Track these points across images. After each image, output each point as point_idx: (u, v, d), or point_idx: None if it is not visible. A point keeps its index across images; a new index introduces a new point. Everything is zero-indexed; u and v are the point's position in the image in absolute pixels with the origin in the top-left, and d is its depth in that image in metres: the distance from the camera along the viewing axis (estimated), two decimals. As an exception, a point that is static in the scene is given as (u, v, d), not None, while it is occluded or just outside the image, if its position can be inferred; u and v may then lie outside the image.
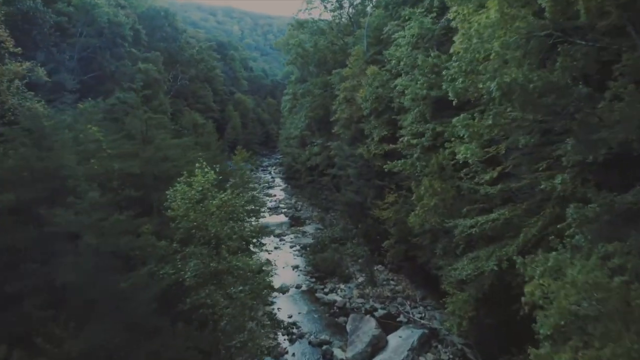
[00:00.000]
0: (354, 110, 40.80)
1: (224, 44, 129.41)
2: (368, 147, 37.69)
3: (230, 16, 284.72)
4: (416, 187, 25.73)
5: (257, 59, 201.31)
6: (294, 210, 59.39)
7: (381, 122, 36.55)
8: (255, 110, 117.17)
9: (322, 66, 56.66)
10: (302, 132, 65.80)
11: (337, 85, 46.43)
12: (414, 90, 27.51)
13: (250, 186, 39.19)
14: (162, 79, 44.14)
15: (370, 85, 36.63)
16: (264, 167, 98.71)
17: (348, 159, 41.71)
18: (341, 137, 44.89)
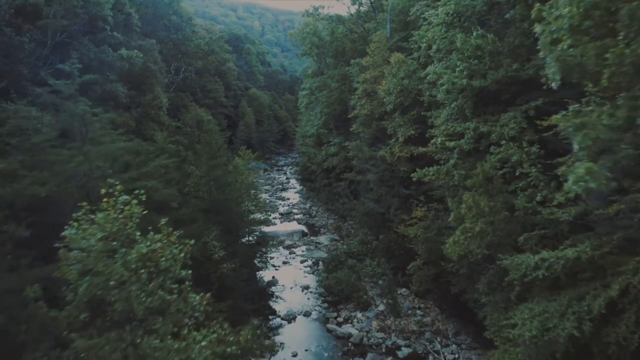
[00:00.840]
0: (375, 106, 35.27)
1: (240, 37, 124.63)
2: (391, 148, 32.20)
3: (250, 12, 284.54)
4: (454, 203, 20.14)
5: (277, 55, 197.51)
6: (307, 216, 54.08)
7: (407, 120, 31.00)
8: (272, 106, 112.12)
9: (340, 57, 51.16)
10: (319, 130, 60.45)
11: (356, 77, 40.93)
12: (450, 80, 21.87)
13: (253, 192, 33.84)
14: (158, 70, 39.00)
15: (395, 75, 31.08)
16: (279, 166, 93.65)
17: (368, 162, 36.20)
18: (360, 136, 39.40)
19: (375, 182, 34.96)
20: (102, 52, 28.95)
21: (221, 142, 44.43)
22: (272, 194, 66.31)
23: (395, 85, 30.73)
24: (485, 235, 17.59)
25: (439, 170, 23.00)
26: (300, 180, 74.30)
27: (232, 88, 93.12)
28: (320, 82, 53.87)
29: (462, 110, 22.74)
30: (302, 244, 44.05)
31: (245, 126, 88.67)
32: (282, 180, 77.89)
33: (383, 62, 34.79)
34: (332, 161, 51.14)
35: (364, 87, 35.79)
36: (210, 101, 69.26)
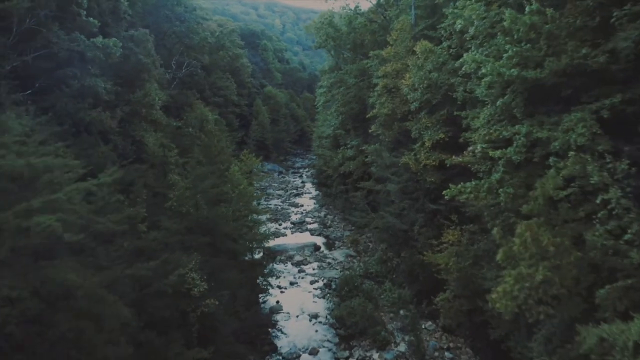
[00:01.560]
0: (397, 104, 30.36)
1: (256, 33, 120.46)
2: (416, 155, 27.30)
3: (272, 10, 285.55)
4: (501, 235, 15.17)
5: (297, 53, 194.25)
6: (322, 226, 49.33)
7: (436, 121, 26.10)
8: (289, 105, 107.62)
9: (358, 50, 46.27)
10: (335, 130, 55.65)
11: (375, 71, 36.04)
12: (495, 70, 16.88)
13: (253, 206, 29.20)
14: (152, 63, 34.75)
15: (421, 68, 26.17)
16: (295, 169, 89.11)
17: (388, 170, 31.30)
18: (380, 139, 34.50)
19: (397, 194, 30.04)
20: (73, 40, 24.64)
21: (224, 145, 40.15)
22: (285, 200, 61.76)
23: (421, 80, 25.81)
24: (551, 287, 12.61)
25: (479, 187, 18.04)
26: (316, 185, 69.59)
27: (246, 86, 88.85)
28: (336, 78, 49.04)
29: (509, 109, 17.75)
30: (313, 260, 39.34)
31: (258, 126, 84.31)
32: (297, 184, 73.30)
33: (406, 52, 29.86)
34: (348, 166, 46.29)
35: (384, 82, 30.89)
36: (219, 99, 64.98)
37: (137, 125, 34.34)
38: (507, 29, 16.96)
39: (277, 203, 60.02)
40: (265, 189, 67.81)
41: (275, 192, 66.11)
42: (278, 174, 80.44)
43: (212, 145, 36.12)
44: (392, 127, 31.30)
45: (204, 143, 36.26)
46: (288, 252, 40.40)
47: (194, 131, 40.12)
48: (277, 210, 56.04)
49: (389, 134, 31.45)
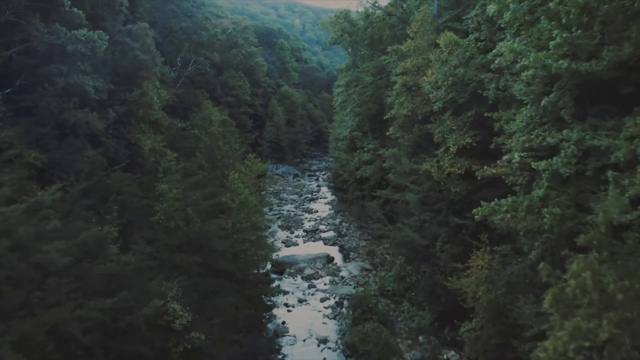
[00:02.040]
0: (417, 104, 27.34)
1: (273, 31, 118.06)
2: (439, 161, 24.30)
3: (292, 10, 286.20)
4: (549, 271, 12.04)
5: (317, 53, 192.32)
6: (336, 235, 46.38)
7: (462, 123, 23.07)
8: (306, 105, 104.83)
9: (376, 46, 43.21)
10: (352, 132, 52.66)
11: (393, 67, 33.03)
12: (538, 62, 13.80)
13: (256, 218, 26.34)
14: (152, 60, 32.33)
15: (445, 62, 23.13)
16: (312, 171, 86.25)
17: (407, 177, 28.25)
18: (399, 143, 31.46)
19: (417, 205, 26.97)
20: (53, 32, 22.16)
21: (231, 146, 37.59)
22: (299, 205, 58.92)
23: (445, 76, 22.75)
24: (618, 348, 9.51)
25: (516, 204, 14.94)
26: (332, 189, 66.56)
27: (261, 85, 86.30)
28: (352, 76, 46.03)
29: (554, 110, 14.65)
30: (325, 273, 36.41)
31: (273, 127, 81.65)
32: (312, 188, 70.42)
33: (428, 46, 26.80)
34: (365, 170, 43.24)
35: (404, 79, 27.87)
36: (231, 99, 62.47)
37: (133, 126, 31.96)
38: (554, 12, 13.83)
39: (290, 208, 57.25)
40: (279, 192, 65.24)
41: (289, 196, 63.36)
42: (293, 177, 77.70)
43: (215, 148, 33.59)
44: (412, 129, 28.28)
45: (206, 146, 33.75)
46: (298, 265, 37.55)
47: (199, 133, 37.43)
48: (289, 216, 53.27)
49: (409, 138, 28.42)
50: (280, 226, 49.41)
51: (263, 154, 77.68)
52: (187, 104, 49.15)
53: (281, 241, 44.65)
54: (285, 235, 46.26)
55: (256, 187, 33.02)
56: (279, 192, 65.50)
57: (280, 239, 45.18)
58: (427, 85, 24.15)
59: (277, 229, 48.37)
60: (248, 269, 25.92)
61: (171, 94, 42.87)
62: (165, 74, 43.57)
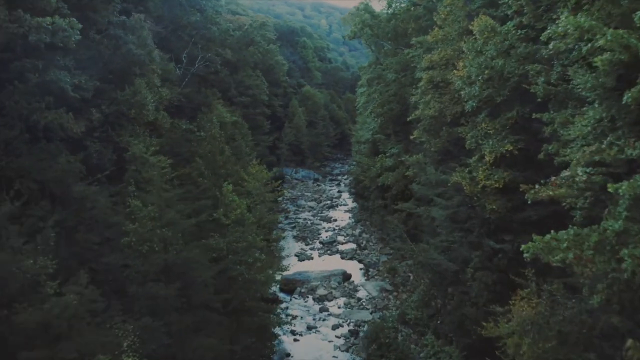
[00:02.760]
0: (446, 103, 23.47)
1: (295, 30, 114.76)
2: (471, 172, 20.36)
3: (318, 11, 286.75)
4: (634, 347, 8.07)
5: (343, 54, 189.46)
6: (355, 247, 42.61)
7: (500, 126, 19.10)
8: (329, 106, 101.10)
9: (400, 40, 39.30)
10: (374, 135, 48.84)
11: (419, 62, 29.19)
12: (617, 41, 9.84)
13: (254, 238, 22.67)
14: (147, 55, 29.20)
15: (480, 53, 19.20)
16: (333, 175, 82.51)
17: (433, 189, 24.31)
18: (424, 148, 27.56)
19: (444, 222, 23.04)
20: (14, 20, 19.01)
21: (237, 152, 34.22)
22: (317, 213, 55.23)
23: (480, 69, 18.84)
24: None
25: (581, 239, 10.98)
26: (353, 195, 62.77)
27: (281, 85, 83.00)
28: (374, 73, 42.19)
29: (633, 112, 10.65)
30: (340, 293, 32.68)
31: (293, 128, 78.16)
32: (332, 193, 66.66)
33: (459, 35, 22.87)
34: (386, 178, 39.34)
35: (430, 75, 23.99)
36: (246, 99, 59.16)
37: (124, 129, 28.81)
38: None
39: (307, 216, 53.62)
40: (297, 199, 61.76)
41: (307, 203, 59.72)
42: (313, 181, 74.09)
43: (217, 152, 30.25)
44: (440, 133, 24.37)
45: (206, 151, 30.43)
46: (310, 283, 33.92)
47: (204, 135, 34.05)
48: (305, 225, 49.64)
49: (436, 143, 24.50)
50: (294, 237, 45.88)
51: (281, 157, 74.52)
52: (196, 104, 45.97)
53: (294, 254, 41.18)
54: (299, 248, 42.69)
55: (262, 198, 29.44)
56: (296, 198, 61.98)
57: (294, 252, 41.69)
58: (458, 81, 20.24)
59: (291, 240, 44.88)
60: (246, 295, 22.35)
61: (176, 93, 39.75)
62: (169, 71, 40.53)
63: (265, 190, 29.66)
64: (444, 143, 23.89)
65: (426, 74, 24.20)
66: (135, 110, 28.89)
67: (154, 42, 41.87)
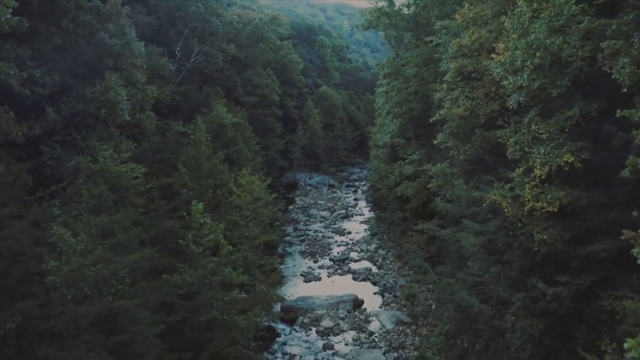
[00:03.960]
0: (479, 100, 18.57)
1: (312, 27, 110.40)
2: (514, 189, 15.48)
3: (340, 12, 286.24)
4: None
5: (365, 55, 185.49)
6: (370, 266, 37.77)
7: (556, 128, 14.13)
8: (347, 107, 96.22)
9: (422, 30, 34.40)
10: (393, 138, 44.04)
11: (444, 52, 24.33)
12: None
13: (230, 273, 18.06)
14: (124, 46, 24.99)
15: (526, 31, 14.30)
16: (351, 181, 77.57)
17: (463, 208, 19.40)
18: (451, 156, 22.64)
19: (477, 253, 18.09)
20: None
21: (223, 159, 29.74)
22: (330, 224, 50.43)
23: (528, 51, 13.96)
24: None
25: None
26: (370, 203, 57.89)
27: (296, 85, 78.50)
28: (391, 68, 37.32)
29: None
30: (348, 326, 27.91)
31: (307, 131, 73.50)
32: (348, 201, 61.79)
33: (497, 13, 17.98)
34: (406, 188, 34.44)
35: (459, 63, 19.10)
36: (254, 99, 54.73)
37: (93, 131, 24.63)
38: None
39: (319, 228, 48.87)
40: (308, 207, 57.12)
41: (320, 212, 54.95)
42: (327, 187, 69.34)
43: (204, 160, 25.80)
44: (471, 137, 19.45)
45: (191, 155, 26.00)
46: (315, 311, 29.24)
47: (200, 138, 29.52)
48: (315, 239, 44.92)
49: (465, 150, 19.58)
50: (302, 252, 41.21)
51: (294, 161, 69.93)
52: (194, 104, 41.82)
53: (300, 273, 36.55)
54: (306, 266, 38.02)
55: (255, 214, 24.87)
56: (308, 207, 57.33)
57: (300, 270, 37.06)
58: (498, 68, 15.36)
59: (298, 256, 40.26)
60: (223, 341, 17.76)
61: (168, 91, 35.58)
62: (161, 67, 36.38)
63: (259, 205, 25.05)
64: (477, 150, 18.96)
65: (454, 63, 19.34)
66: (107, 110, 24.65)
67: (145, 34, 37.93)
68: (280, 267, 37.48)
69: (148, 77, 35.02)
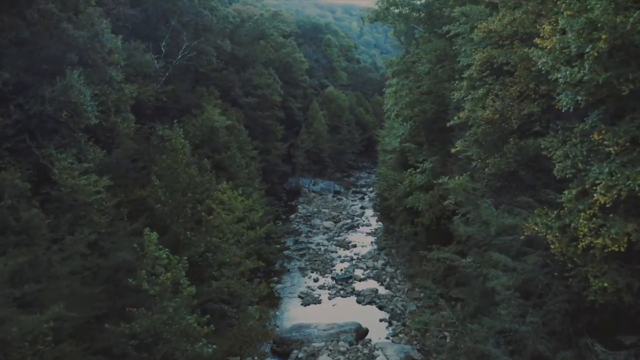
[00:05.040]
0: (511, 100, 14.78)
1: (319, 26, 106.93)
2: (563, 218, 11.67)
3: (349, 13, 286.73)
4: None
5: (374, 56, 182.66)
6: (377, 286, 34.07)
7: (628, 137, 10.26)
8: (355, 109, 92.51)
9: (436, 22, 30.62)
10: (402, 143, 40.26)
11: (463, 44, 20.60)
12: None
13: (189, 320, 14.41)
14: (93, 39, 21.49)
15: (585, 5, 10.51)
16: (358, 187, 73.77)
17: (491, 236, 15.57)
18: (474, 168, 18.85)
19: (509, 296, 14.26)
20: None
21: (206, 170, 26.08)
22: (333, 236, 46.69)
23: (586, 34, 10.20)
24: None
25: None
26: (378, 212, 53.96)
27: (301, 85, 74.90)
28: (401, 65, 33.54)
29: None
30: (349, 362, 24.19)
31: (312, 133, 69.84)
32: (354, 209, 57.95)
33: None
34: (417, 200, 30.67)
35: (486, 54, 15.33)
36: (253, 99, 51.09)
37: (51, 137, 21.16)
38: None
39: (322, 240, 45.13)
40: (311, 216, 53.40)
41: (323, 222, 51.19)
42: (333, 194, 65.60)
43: (181, 170, 22.21)
44: (501, 146, 15.68)
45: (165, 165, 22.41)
46: (312, 344, 25.53)
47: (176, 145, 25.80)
48: (317, 253, 41.19)
49: (494, 162, 15.78)
50: (301, 269, 37.49)
51: (297, 166, 66.31)
52: (185, 105, 38.33)
53: (298, 294, 32.87)
54: (305, 286, 34.30)
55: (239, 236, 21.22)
56: (311, 216, 53.61)
57: (298, 290, 33.38)
58: (544, 56, 11.60)
59: (297, 274, 36.59)
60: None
61: (152, 90, 32.06)
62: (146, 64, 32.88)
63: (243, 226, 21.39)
64: (509, 163, 15.18)
65: (480, 54, 15.56)
66: (68, 112, 21.12)
67: (128, 27, 34.53)
68: (277, 287, 33.86)
69: (130, 75, 31.76)
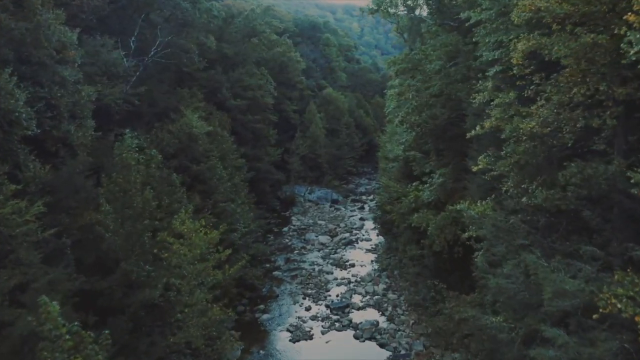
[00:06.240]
0: (565, 106, 10.45)
1: (317, 25, 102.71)
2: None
3: (350, 14, 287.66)
4: None
5: (376, 57, 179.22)
6: (377, 317, 29.79)
7: None
8: (354, 112, 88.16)
9: (446, 12, 26.40)
10: (406, 151, 36.08)
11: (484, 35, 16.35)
12: None
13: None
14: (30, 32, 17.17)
15: None
16: (357, 195, 69.31)
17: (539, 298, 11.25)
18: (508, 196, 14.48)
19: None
20: None
21: (169, 189, 21.78)
22: (329, 253, 42.34)
23: None
24: None
25: None
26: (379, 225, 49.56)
27: (297, 86, 70.63)
28: (406, 63, 29.21)
29: None
30: None
31: (308, 138, 65.54)
32: (353, 221, 53.45)
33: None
34: (424, 219, 26.41)
35: (534, 42, 11.03)
36: (243, 102, 46.79)
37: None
38: None
39: (316, 259, 40.80)
40: (305, 230, 49.03)
41: (318, 237, 46.77)
42: (330, 204, 61.19)
43: (134, 193, 17.92)
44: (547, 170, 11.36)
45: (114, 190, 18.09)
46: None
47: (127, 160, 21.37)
48: (311, 274, 36.86)
49: (544, 196, 11.42)
50: (292, 294, 33.18)
51: (292, 174, 62.00)
52: (163, 109, 34.10)
53: (287, 327, 28.55)
54: (296, 316, 29.99)
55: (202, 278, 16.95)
56: (305, 229, 49.27)
57: (287, 322, 29.07)
58: None
59: (287, 299, 32.28)
60: None
61: (119, 92, 27.82)
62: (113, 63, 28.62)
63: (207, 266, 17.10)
64: (566, 198, 10.84)
65: (523, 43, 11.24)
66: None
67: (92, 20, 30.34)
68: (263, 317, 29.58)
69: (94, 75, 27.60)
